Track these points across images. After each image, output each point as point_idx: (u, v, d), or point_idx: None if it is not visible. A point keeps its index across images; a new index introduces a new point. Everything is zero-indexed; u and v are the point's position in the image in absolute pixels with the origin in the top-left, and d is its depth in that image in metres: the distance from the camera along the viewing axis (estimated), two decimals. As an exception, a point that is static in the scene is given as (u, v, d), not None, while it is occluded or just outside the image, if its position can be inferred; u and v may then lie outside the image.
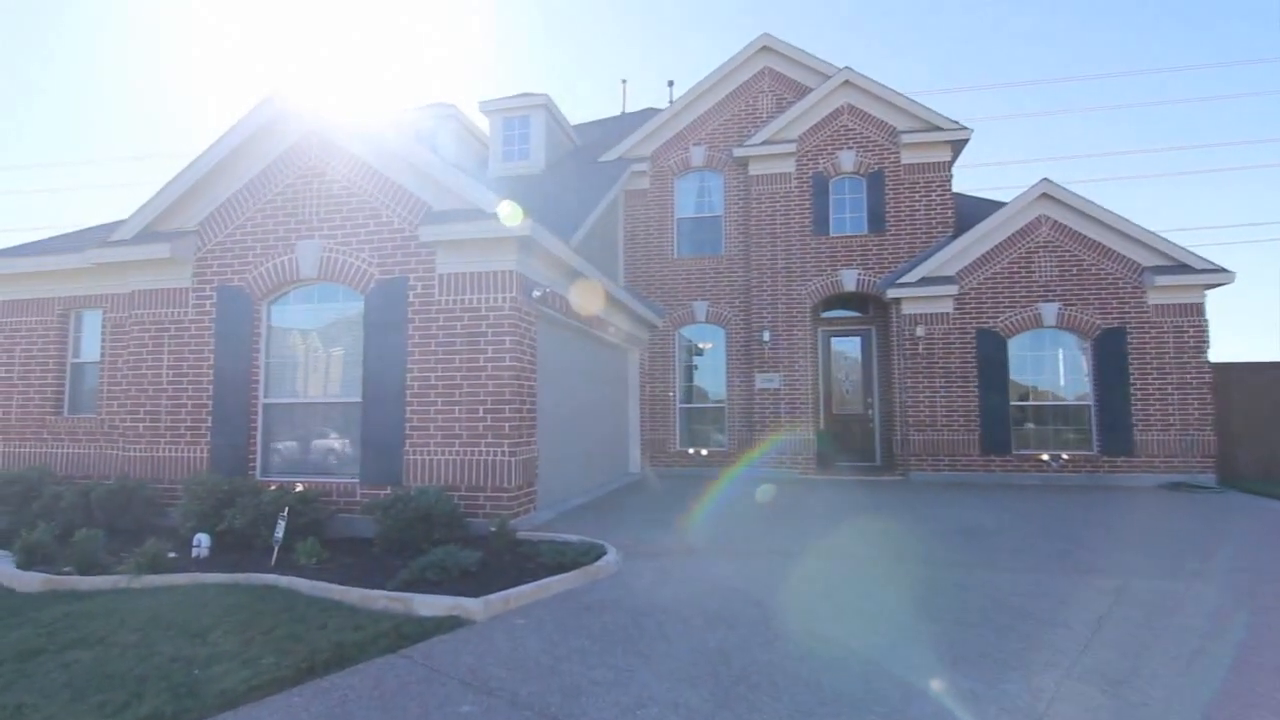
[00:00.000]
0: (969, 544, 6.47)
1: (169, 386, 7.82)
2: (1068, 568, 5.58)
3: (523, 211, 6.66)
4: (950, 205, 12.43)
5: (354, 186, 7.43)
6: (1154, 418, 11.22)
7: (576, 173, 13.31)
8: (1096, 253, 11.55)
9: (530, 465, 7.23)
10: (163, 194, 7.81)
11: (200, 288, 7.84)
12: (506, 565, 5.54)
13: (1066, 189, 11.54)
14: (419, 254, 7.13)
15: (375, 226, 7.32)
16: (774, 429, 12.54)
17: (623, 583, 5.24)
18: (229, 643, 4.16)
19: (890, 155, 12.61)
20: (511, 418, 6.77)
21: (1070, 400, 11.69)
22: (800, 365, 12.60)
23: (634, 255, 13.64)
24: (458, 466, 6.84)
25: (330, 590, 5.03)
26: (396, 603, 4.75)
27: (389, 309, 7.15)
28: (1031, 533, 7.03)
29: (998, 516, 8.03)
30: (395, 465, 6.99)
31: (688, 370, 13.54)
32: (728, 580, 5.27)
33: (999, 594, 4.83)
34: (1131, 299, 11.43)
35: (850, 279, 12.58)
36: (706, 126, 13.66)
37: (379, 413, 7.09)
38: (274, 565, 5.77)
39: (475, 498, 6.76)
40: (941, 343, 11.85)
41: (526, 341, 7.17)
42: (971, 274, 11.84)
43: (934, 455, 11.72)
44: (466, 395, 6.87)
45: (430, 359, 7.01)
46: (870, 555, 6.09)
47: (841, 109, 12.84)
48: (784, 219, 12.86)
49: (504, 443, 6.73)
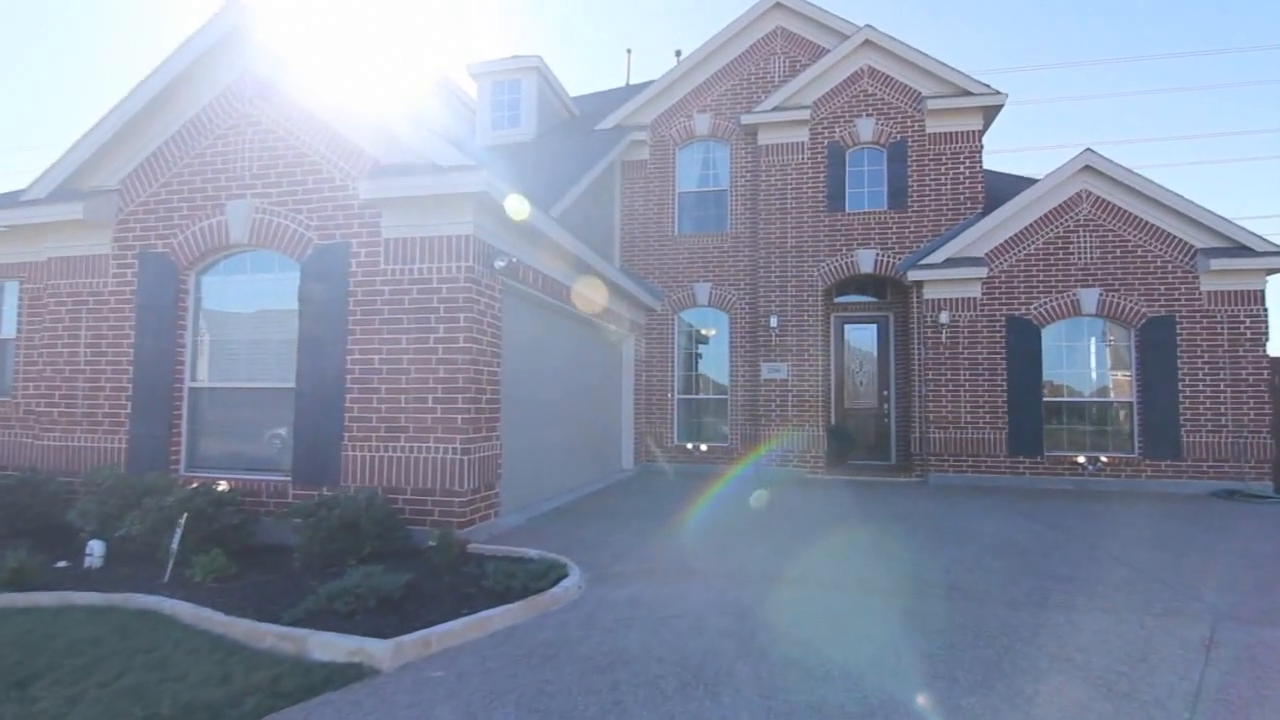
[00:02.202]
0: (1006, 569, 5.40)
1: (86, 367, 6.86)
2: (1135, 605, 4.51)
3: (482, 166, 5.61)
4: (980, 180, 11.23)
5: (293, 137, 6.39)
6: (1204, 418, 10.05)
7: (570, 142, 12.22)
8: (1143, 232, 10.35)
9: (490, 464, 6.21)
10: (81, 145, 6.81)
11: (121, 254, 6.85)
12: (443, 590, 4.54)
13: (1111, 160, 10.33)
14: (363, 216, 6.10)
15: (315, 184, 6.28)
16: (780, 423, 11.47)
17: (583, 616, 4.23)
18: (52, 698, 3.18)
19: (914, 123, 11.41)
20: (465, 409, 5.74)
21: (1110, 397, 10.54)
22: (810, 354, 11.50)
23: (631, 232, 12.55)
24: (402, 466, 5.83)
25: (213, 621, 4.05)
26: (287, 642, 3.76)
27: (328, 280, 6.13)
28: (1078, 553, 5.95)
29: (1033, 530, 6.95)
30: (332, 463, 5.99)
31: (688, 358, 12.47)
32: (715, 616, 4.23)
33: (1059, 646, 3.76)
34: (1182, 284, 10.23)
35: (867, 260, 11.43)
36: (712, 92, 12.50)
37: (314, 402, 6.09)
38: (166, 582, 4.80)
39: (422, 503, 5.76)
40: (967, 331, 10.72)
41: (487, 320, 6.14)
42: (1002, 255, 10.68)
43: (956, 455, 10.62)
44: (413, 382, 5.85)
45: (374, 339, 5.99)
46: (890, 584, 5.04)
47: (861, 72, 11.64)
48: (795, 193, 11.71)
49: (455, 439, 5.71)
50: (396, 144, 5.96)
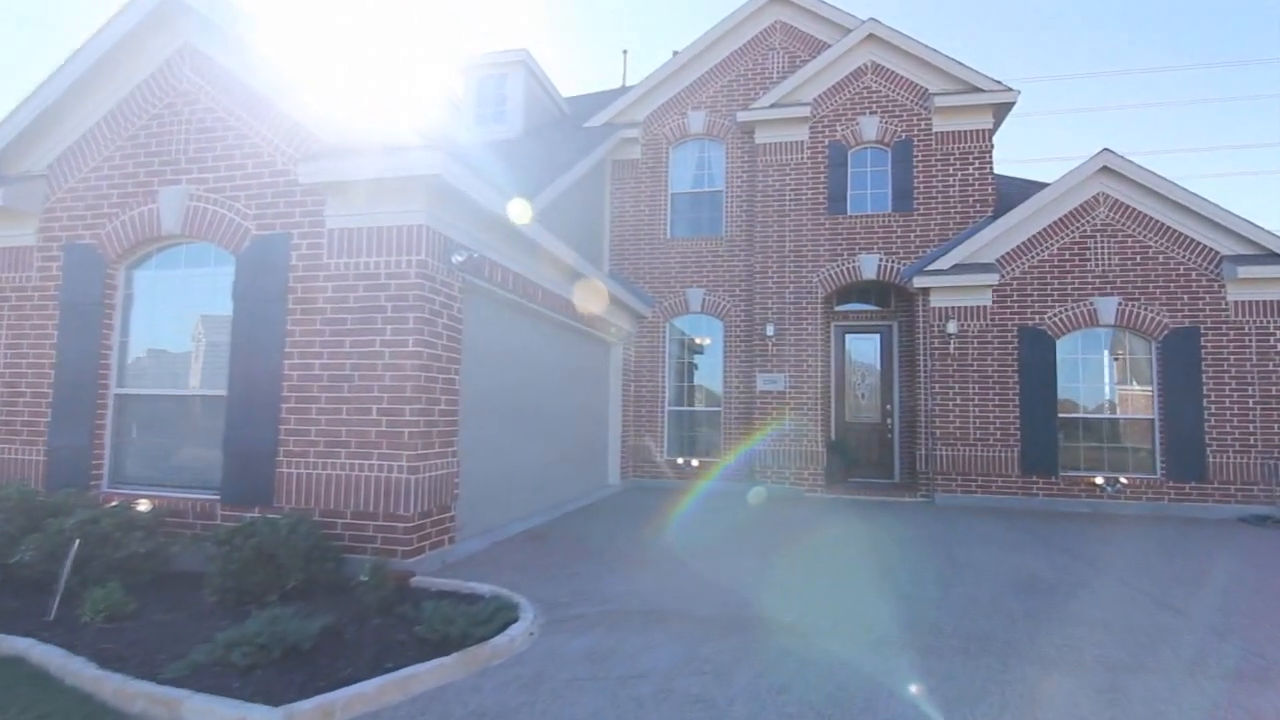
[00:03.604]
0: (1031, 612, 4.69)
1: (6, 371, 6.19)
2: (1189, 663, 3.79)
3: (436, 146, 4.95)
4: (990, 181, 10.59)
5: (233, 117, 5.75)
6: (1231, 436, 9.34)
7: (559, 139, 11.60)
8: (1165, 238, 9.68)
9: (444, 484, 5.51)
10: (5, 126, 6.17)
11: (47, 246, 6.19)
12: (367, 637, 3.83)
13: (1131, 161, 9.68)
14: (305, 204, 5.44)
15: (255, 168, 5.63)
16: (777, 438, 10.77)
17: (529, 675, 3.52)
18: None
19: (920, 121, 10.78)
20: (414, 422, 5.05)
21: (1129, 413, 9.83)
22: (809, 365, 10.81)
23: (621, 235, 11.91)
24: (342, 485, 5.14)
25: (83, 676, 3.35)
26: (160, 706, 3.06)
27: (265, 274, 5.47)
28: (1108, 592, 5.24)
29: (1054, 561, 6.24)
30: (265, 481, 5.30)
31: (679, 368, 11.78)
32: (687, 676, 3.53)
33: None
34: (1206, 293, 9.55)
35: (870, 265, 10.77)
36: (708, 88, 11.89)
37: (247, 412, 5.40)
38: (52, 620, 4.11)
39: (363, 528, 5.06)
40: (977, 341, 10.03)
41: (443, 321, 5.46)
42: (1014, 261, 10.01)
43: (964, 474, 9.91)
44: (356, 391, 5.17)
45: (315, 341, 5.32)
46: (898, 633, 4.33)
47: (865, 67, 11.02)
48: (794, 195, 11.07)
49: (401, 455, 5.02)
50: (345, 124, 5.31)
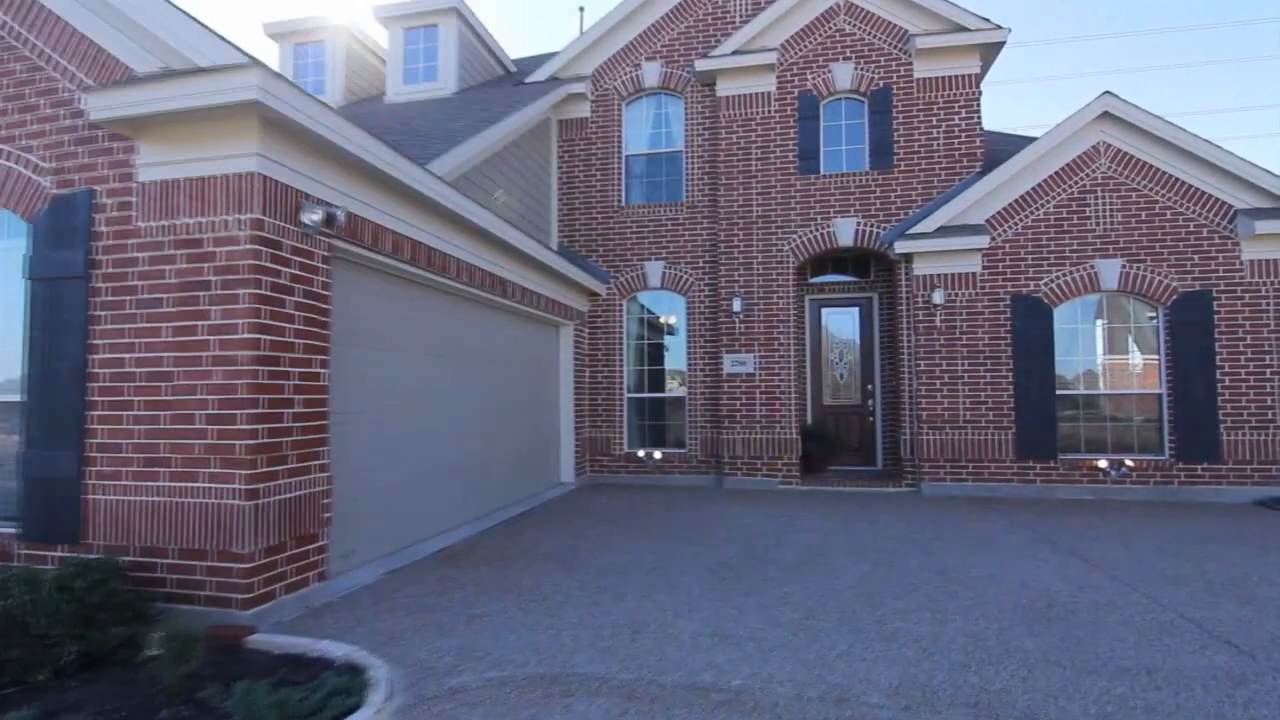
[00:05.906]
0: (1050, 656, 3.65)
1: None
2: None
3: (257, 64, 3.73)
4: (978, 133, 9.48)
5: (22, 41, 4.48)
6: (1247, 411, 8.42)
7: (496, 97, 10.31)
8: (1173, 191, 8.66)
9: (303, 508, 4.33)
10: None
11: None
12: (131, 749, 2.70)
13: (1134, 105, 8.62)
14: (111, 150, 4.20)
15: (50, 108, 4.37)
16: (747, 425, 9.71)
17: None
18: None
19: (900, 67, 9.63)
20: (251, 431, 3.88)
21: (1134, 388, 8.87)
22: (781, 343, 9.74)
23: (571, 203, 10.70)
24: (164, 515, 3.97)
25: None
26: None
27: (65, 244, 4.24)
28: (1139, 616, 4.22)
29: (1065, 569, 5.23)
30: (70, 511, 4.11)
31: (639, 350, 10.66)
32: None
33: None
34: (1219, 252, 8.57)
35: (847, 230, 9.66)
36: (664, 35, 10.64)
37: (48, 421, 4.20)
38: None
39: (190, 570, 3.90)
40: (965, 312, 9.00)
41: (295, 299, 4.26)
42: (1006, 221, 8.96)
43: (953, 460, 8.93)
44: (179, 393, 3.98)
45: (126, 329, 4.11)
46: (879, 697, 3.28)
47: (837, 7, 9.83)
48: (762, 153, 9.91)
49: (235, 474, 3.85)
50: (157, 44, 4.06)
